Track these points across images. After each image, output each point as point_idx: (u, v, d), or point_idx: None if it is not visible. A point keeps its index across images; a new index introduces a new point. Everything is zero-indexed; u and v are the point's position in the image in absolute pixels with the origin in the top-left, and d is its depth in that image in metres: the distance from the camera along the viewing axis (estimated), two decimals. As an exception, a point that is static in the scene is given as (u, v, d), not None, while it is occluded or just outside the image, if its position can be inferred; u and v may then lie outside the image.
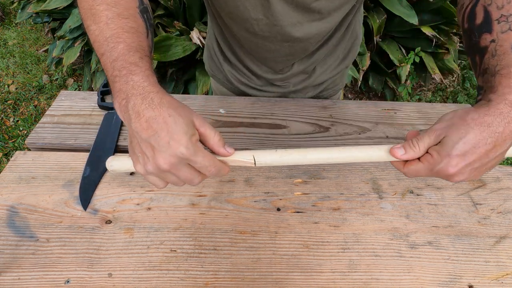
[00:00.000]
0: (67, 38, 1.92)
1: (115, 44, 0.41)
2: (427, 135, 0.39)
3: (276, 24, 0.58)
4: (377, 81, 2.10)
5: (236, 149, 0.64)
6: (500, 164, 0.66)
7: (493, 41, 0.41)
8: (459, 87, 2.33)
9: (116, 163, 0.43)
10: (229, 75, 0.79)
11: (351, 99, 2.21)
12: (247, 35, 0.63)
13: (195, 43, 1.73)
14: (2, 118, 2.06)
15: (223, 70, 0.79)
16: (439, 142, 0.39)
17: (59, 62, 2.11)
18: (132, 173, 0.58)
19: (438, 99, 2.26)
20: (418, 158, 0.40)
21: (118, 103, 0.38)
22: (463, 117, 0.38)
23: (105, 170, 0.58)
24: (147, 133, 0.36)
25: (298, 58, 0.69)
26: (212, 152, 0.41)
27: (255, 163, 0.43)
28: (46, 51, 2.51)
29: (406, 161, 0.41)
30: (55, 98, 0.88)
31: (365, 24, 1.85)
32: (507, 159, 1.86)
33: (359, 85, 2.11)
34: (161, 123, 0.36)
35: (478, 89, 0.43)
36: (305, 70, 0.73)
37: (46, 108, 2.14)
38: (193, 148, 0.37)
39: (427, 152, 0.40)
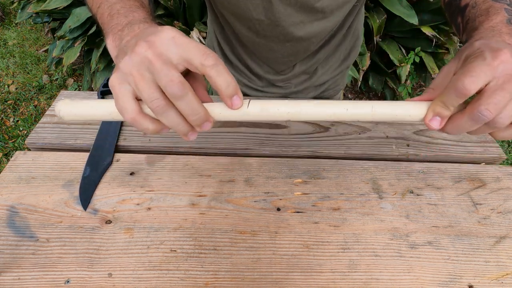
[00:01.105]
0: (67, 38, 1.92)
1: None
2: (436, 76, 0.36)
3: (279, 25, 0.58)
4: (377, 81, 2.10)
5: (235, 150, 0.64)
6: (500, 164, 0.66)
7: None
8: (459, 87, 2.32)
9: (65, 107, 0.34)
10: None
11: (351, 99, 2.21)
12: (249, 34, 0.63)
13: (195, 43, 1.73)
14: (2, 118, 2.06)
15: None
16: (460, 66, 0.32)
17: (59, 62, 2.11)
18: (132, 173, 0.58)
19: (438, 99, 2.25)
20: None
21: (113, 34, 0.34)
22: (458, 53, 0.35)
23: (105, 170, 0.58)
24: (136, 34, 0.31)
25: (300, 58, 0.69)
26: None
27: (248, 105, 0.35)
28: (46, 51, 2.51)
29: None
30: (55, 98, 0.88)
31: (365, 24, 1.85)
32: (507, 159, 1.86)
33: (359, 85, 2.11)
34: (155, 26, 0.31)
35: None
36: (307, 71, 0.74)
37: (46, 108, 2.14)
38: (183, 35, 0.30)
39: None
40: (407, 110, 0.34)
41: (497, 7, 0.39)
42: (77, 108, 0.34)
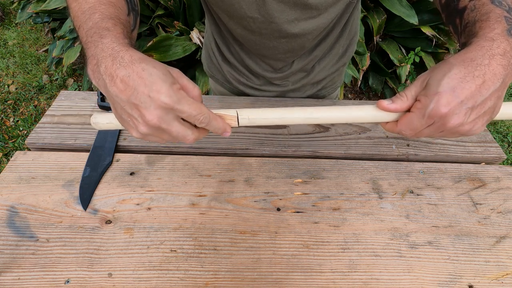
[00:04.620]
0: (67, 38, 1.92)
1: (91, 15, 0.41)
2: (413, 83, 0.39)
3: (272, 21, 0.58)
4: (377, 81, 2.10)
5: (235, 150, 0.64)
6: (500, 164, 0.66)
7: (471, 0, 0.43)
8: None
9: (101, 119, 0.41)
10: (228, 76, 0.79)
11: (351, 99, 2.21)
12: (244, 33, 0.63)
13: (195, 43, 1.73)
14: (2, 118, 2.06)
15: (222, 70, 0.79)
16: (425, 86, 0.38)
17: (59, 62, 2.11)
18: (132, 173, 0.58)
19: (438, 99, 2.25)
20: (409, 110, 0.39)
21: (91, 70, 0.37)
22: (445, 61, 0.38)
23: (105, 170, 0.58)
24: (126, 94, 0.35)
25: (296, 55, 0.69)
26: None
27: (238, 122, 0.42)
28: (46, 51, 2.51)
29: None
30: (55, 98, 0.88)
31: (365, 24, 1.85)
32: (507, 159, 1.86)
33: (359, 85, 2.11)
34: (136, 78, 0.34)
35: (461, 47, 0.43)
36: (304, 68, 0.74)
37: (46, 108, 2.14)
38: (176, 95, 0.35)
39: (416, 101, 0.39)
40: (369, 114, 0.41)
41: (498, 14, 0.39)
42: (110, 120, 0.41)
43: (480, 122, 0.37)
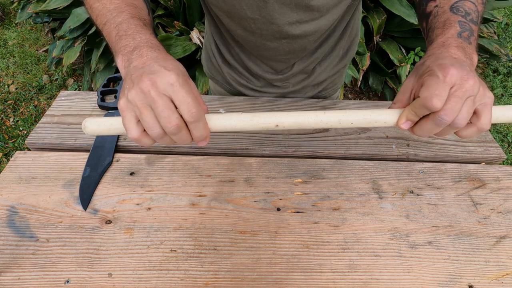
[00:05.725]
0: (67, 38, 1.92)
1: (118, 13, 0.43)
2: (400, 91, 0.42)
3: (273, 23, 0.58)
4: (377, 81, 2.10)
5: (235, 150, 0.64)
6: (500, 164, 0.66)
7: (436, 6, 0.47)
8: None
9: (91, 124, 0.41)
10: (228, 77, 0.79)
11: (351, 99, 2.21)
12: (244, 34, 0.63)
13: (195, 43, 1.73)
14: (2, 118, 2.06)
15: (222, 72, 0.79)
16: (417, 79, 0.39)
17: (59, 62, 2.11)
18: (132, 173, 0.58)
19: (438, 99, 2.25)
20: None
21: (122, 54, 0.39)
22: (413, 70, 0.42)
23: (105, 170, 0.58)
24: (143, 64, 0.36)
25: (297, 57, 0.68)
26: None
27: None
28: (46, 51, 2.51)
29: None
30: (55, 98, 0.88)
31: (365, 24, 1.85)
32: (507, 159, 1.86)
33: (359, 85, 2.11)
34: (161, 59, 0.37)
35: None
36: (305, 70, 0.73)
37: (46, 108, 2.14)
38: (183, 82, 0.36)
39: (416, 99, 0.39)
40: (380, 116, 0.41)
41: (452, 20, 0.43)
42: (100, 125, 0.41)
43: (484, 89, 0.37)
